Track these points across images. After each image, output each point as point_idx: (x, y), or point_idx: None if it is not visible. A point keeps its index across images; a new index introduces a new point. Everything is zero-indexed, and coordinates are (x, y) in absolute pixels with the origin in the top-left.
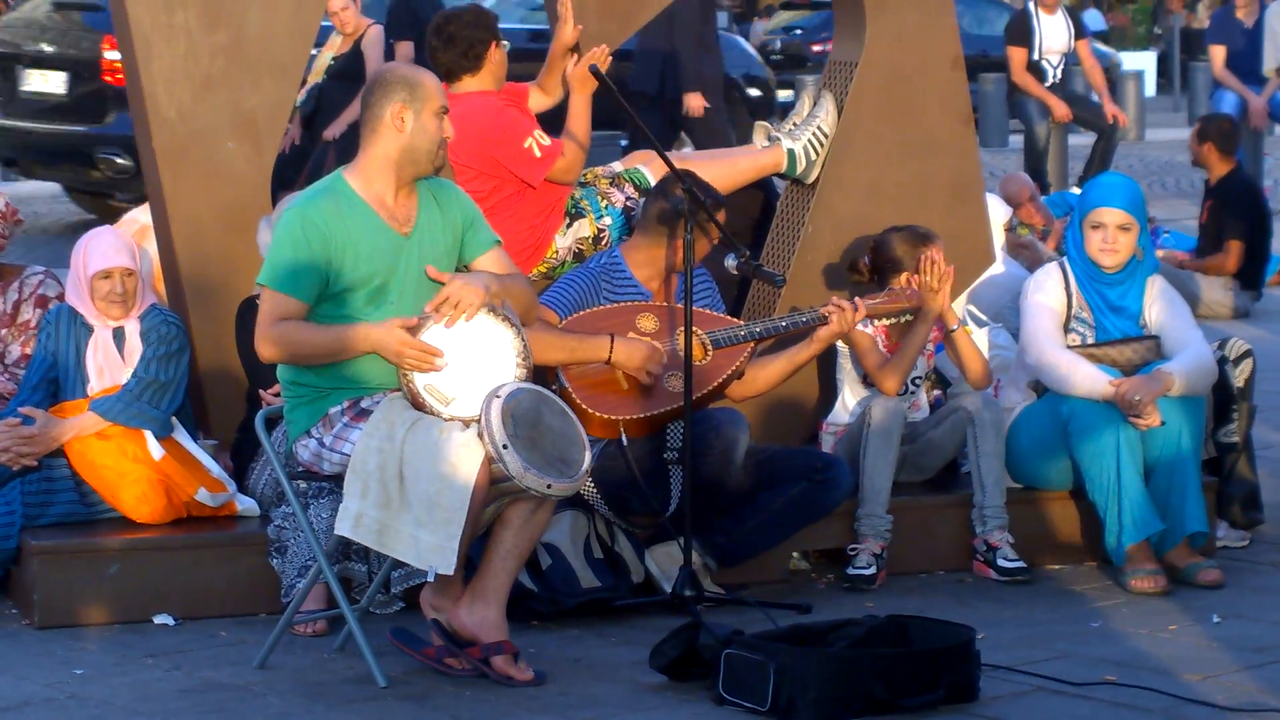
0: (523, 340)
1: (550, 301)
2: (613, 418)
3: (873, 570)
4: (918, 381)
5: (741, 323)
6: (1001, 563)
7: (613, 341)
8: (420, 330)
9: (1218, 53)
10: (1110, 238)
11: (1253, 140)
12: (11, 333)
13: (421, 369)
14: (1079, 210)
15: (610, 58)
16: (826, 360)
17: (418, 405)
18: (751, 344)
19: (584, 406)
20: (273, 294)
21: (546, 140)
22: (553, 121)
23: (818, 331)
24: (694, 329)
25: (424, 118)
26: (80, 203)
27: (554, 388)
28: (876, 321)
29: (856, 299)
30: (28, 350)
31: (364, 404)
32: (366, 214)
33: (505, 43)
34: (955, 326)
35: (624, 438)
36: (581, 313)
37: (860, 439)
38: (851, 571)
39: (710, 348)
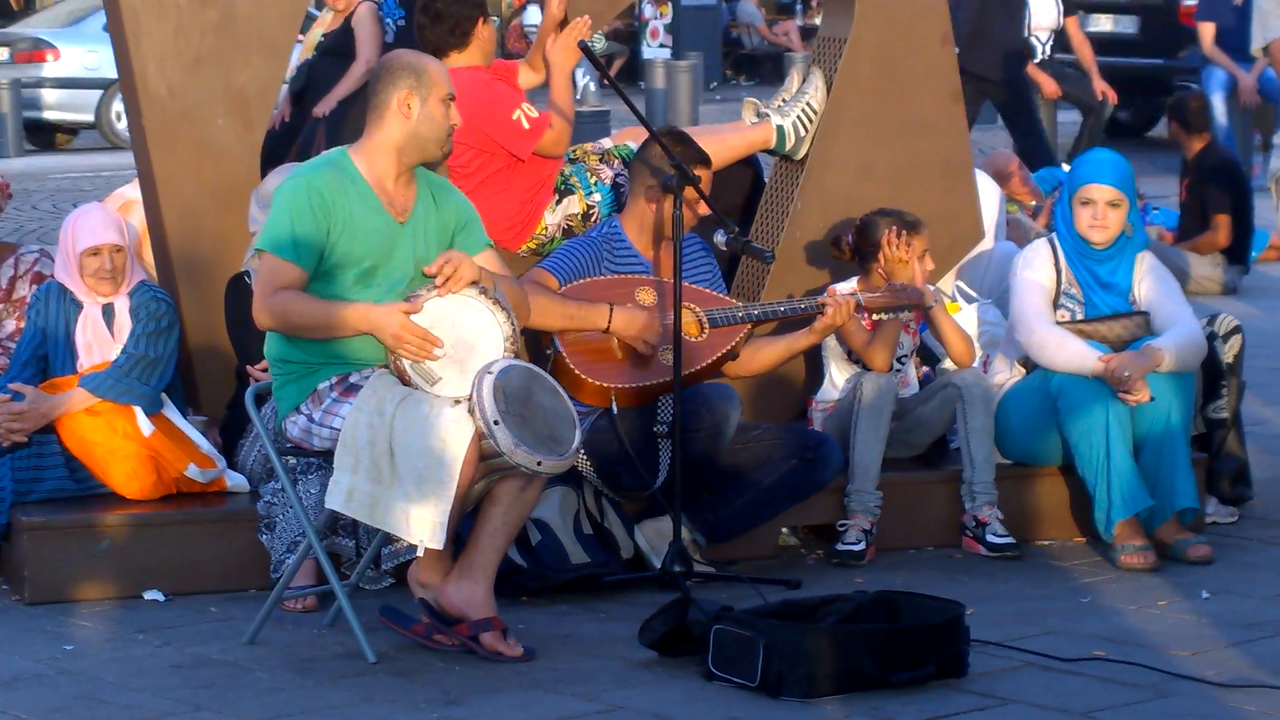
0: (512, 324)
1: (551, 267)
2: (605, 385)
3: (862, 546)
4: (903, 360)
5: (740, 304)
6: (991, 538)
7: (611, 310)
8: (414, 310)
9: (1207, 30)
10: (1099, 214)
11: (1242, 118)
12: (7, 309)
13: (418, 358)
14: (1068, 186)
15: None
16: None
17: (405, 384)
18: (748, 326)
19: (577, 372)
20: (273, 260)
21: (535, 113)
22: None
23: (815, 323)
24: (692, 306)
25: (430, 104)
26: None
27: (549, 352)
28: (873, 315)
29: (857, 293)
30: (23, 325)
31: (353, 379)
32: (367, 194)
33: (494, 19)
34: (930, 304)
35: (614, 406)
36: (582, 281)
37: (850, 415)
38: (841, 547)
39: (707, 326)
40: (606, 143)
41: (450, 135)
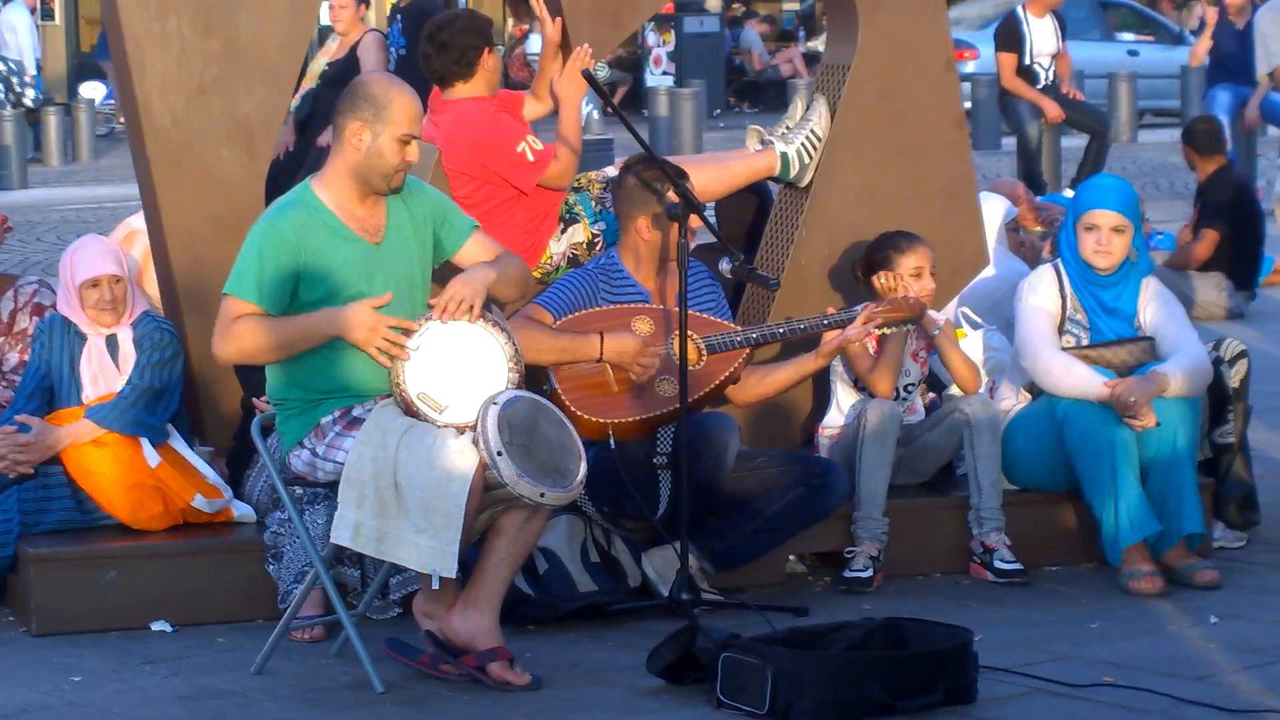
0: (514, 345)
1: (545, 302)
2: (601, 420)
3: (869, 573)
4: (910, 388)
5: (739, 328)
6: (998, 564)
7: (602, 338)
8: (417, 335)
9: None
10: (1104, 240)
11: (1245, 142)
12: (9, 341)
13: (392, 352)
14: (1073, 212)
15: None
16: None
17: (411, 414)
18: (748, 350)
19: (573, 409)
20: (237, 302)
21: (539, 145)
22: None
23: (822, 345)
24: (690, 333)
25: (382, 141)
26: None
27: (544, 388)
28: (875, 330)
29: (862, 307)
30: (25, 358)
31: (355, 412)
32: (335, 225)
33: (499, 48)
34: (934, 332)
35: (612, 441)
36: (577, 314)
37: (855, 442)
38: (848, 574)
39: (705, 352)
40: (611, 171)
41: (398, 172)
